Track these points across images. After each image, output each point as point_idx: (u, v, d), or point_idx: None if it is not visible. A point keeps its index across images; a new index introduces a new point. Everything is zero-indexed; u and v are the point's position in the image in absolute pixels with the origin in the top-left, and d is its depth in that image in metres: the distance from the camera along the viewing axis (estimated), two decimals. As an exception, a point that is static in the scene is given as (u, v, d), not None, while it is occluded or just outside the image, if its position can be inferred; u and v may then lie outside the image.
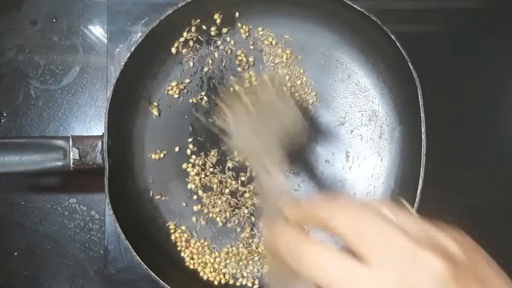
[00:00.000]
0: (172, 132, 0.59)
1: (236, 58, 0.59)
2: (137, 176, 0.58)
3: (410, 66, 0.52)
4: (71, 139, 0.51)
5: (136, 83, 0.57)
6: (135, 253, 0.50)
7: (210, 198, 0.58)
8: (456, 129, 0.63)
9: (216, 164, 0.58)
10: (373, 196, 0.59)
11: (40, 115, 0.61)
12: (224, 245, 0.58)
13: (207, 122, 0.58)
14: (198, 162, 0.58)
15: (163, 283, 0.50)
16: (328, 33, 0.59)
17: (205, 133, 0.59)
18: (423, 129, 0.52)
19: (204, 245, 0.58)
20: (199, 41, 0.59)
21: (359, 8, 0.52)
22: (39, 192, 0.60)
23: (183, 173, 0.58)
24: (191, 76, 0.59)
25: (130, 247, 0.50)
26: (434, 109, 0.53)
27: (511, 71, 0.65)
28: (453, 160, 0.62)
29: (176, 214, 0.58)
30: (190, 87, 0.59)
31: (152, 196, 0.58)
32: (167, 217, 0.58)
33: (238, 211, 0.58)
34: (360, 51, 0.59)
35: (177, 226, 0.58)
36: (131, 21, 0.61)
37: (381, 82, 0.59)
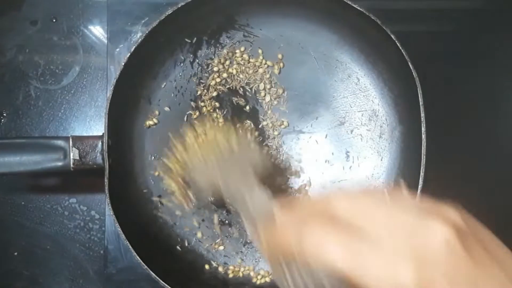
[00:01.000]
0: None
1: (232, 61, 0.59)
2: (137, 176, 0.58)
3: (410, 65, 0.52)
4: (71, 139, 0.51)
5: (136, 83, 0.57)
6: (135, 253, 0.50)
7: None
8: (456, 129, 0.63)
9: None
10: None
11: (40, 115, 0.61)
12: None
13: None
14: None
15: (163, 283, 0.50)
16: (328, 33, 0.59)
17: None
18: (423, 128, 0.52)
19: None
20: (199, 41, 0.59)
21: (359, 8, 0.52)
22: (39, 192, 0.60)
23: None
24: (191, 76, 0.59)
25: (130, 247, 0.50)
26: (434, 108, 0.53)
27: (511, 71, 0.65)
28: (453, 160, 0.62)
29: (176, 214, 0.58)
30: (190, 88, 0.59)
31: (152, 196, 0.58)
32: (168, 217, 0.58)
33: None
34: (360, 51, 0.59)
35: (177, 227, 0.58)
36: (131, 21, 0.61)
37: (381, 82, 0.59)
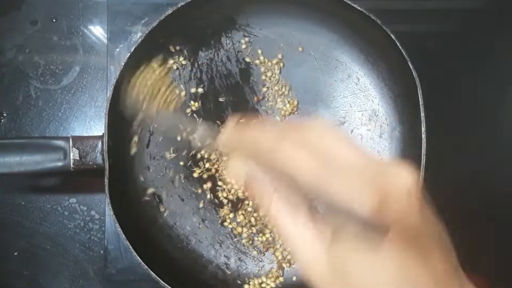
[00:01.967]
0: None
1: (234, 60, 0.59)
2: (137, 177, 0.58)
3: (410, 65, 0.52)
4: (71, 140, 0.51)
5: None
6: (135, 253, 0.50)
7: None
8: (456, 129, 0.63)
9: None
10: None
11: (40, 115, 0.61)
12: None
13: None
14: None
15: (163, 283, 0.50)
16: (328, 32, 0.59)
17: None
18: (423, 128, 0.52)
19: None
20: (199, 41, 0.59)
21: (359, 8, 0.52)
22: (39, 192, 0.60)
23: (184, 173, 0.58)
24: (191, 77, 0.59)
25: (130, 247, 0.50)
26: (434, 108, 0.53)
27: (511, 71, 0.65)
28: (453, 160, 0.62)
29: (176, 214, 0.58)
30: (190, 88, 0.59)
31: (153, 197, 0.58)
32: (168, 217, 0.58)
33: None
34: (360, 51, 0.59)
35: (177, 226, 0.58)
36: (131, 21, 0.61)
37: (381, 82, 0.59)
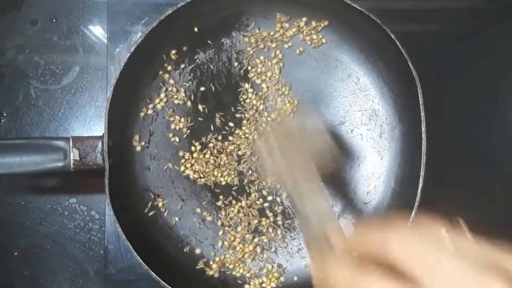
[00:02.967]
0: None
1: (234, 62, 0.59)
2: (137, 177, 0.58)
3: (410, 65, 0.52)
4: (71, 140, 0.51)
5: (136, 83, 0.57)
6: (135, 253, 0.50)
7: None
8: (456, 128, 0.63)
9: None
10: (374, 195, 0.59)
11: (40, 115, 0.61)
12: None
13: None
14: (196, 163, 0.58)
15: (164, 283, 0.50)
16: (328, 32, 0.59)
17: (205, 134, 0.59)
18: (423, 128, 0.52)
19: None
20: (199, 41, 0.59)
21: (359, 8, 0.52)
22: (39, 192, 0.60)
23: (184, 174, 0.58)
24: (191, 78, 0.59)
25: (130, 247, 0.50)
26: (434, 108, 0.53)
27: (511, 71, 0.65)
28: (453, 160, 0.62)
29: (176, 214, 0.58)
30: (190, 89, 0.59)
31: (153, 197, 0.58)
32: (168, 217, 0.58)
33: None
34: (360, 51, 0.59)
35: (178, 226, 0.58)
36: (131, 21, 0.61)
37: (381, 81, 0.59)
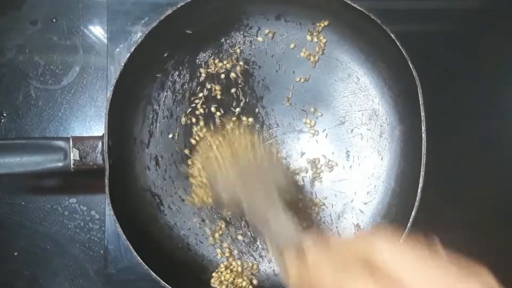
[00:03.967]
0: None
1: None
2: (137, 177, 0.58)
3: (410, 65, 0.52)
4: (71, 140, 0.51)
5: (136, 83, 0.57)
6: (135, 253, 0.50)
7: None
8: (456, 128, 0.63)
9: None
10: (374, 195, 0.59)
11: (40, 115, 0.61)
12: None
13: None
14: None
15: (164, 283, 0.50)
16: (328, 32, 0.59)
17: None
18: (423, 128, 0.52)
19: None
20: (199, 41, 0.59)
21: (359, 8, 0.52)
22: (39, 192, 0.60)
23: (184, 173, 0.58)
24: (191, 78, 0.59)
25: (130, 247, 0.50)
26: (434, 108, 0.53)
27: (511, 71, 0.65)
28: (453, 160, 0.62)
29: (176, 214, 0.58)
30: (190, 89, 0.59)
31: (153, 197, 0.58)
32: (168, 217, 0.58)
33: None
34: (360, 51, 0.59)
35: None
36: (131, 21, 0.61)
37: (381, 81, 0.59)
